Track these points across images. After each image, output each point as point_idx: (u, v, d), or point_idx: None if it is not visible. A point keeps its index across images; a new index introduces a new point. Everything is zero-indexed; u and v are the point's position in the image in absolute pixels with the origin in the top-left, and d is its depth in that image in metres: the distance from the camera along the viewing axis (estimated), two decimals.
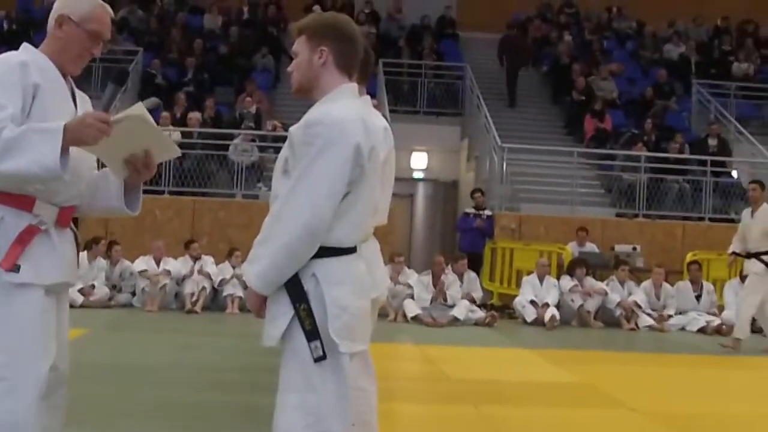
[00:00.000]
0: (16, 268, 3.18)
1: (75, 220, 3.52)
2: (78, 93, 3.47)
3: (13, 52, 3.31)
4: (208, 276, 13.52)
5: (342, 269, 3.09)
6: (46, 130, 3.07)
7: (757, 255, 11.17)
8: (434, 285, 13.43)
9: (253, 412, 6.39)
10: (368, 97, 3.47)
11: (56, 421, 3.41)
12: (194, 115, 16.77)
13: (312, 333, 3.00)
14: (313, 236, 3.00)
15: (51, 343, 3.28)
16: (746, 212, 11.73)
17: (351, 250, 3.13)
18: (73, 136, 3.07)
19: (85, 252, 13.50)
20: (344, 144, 3.02)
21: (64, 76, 3.40)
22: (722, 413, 7.30)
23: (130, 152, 3.30)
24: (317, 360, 3.00)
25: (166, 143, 3.42)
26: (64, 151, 3.07)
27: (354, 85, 3.29)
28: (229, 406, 6.71)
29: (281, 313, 3.06)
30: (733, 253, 11.63)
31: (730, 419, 7.05)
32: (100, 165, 3.53)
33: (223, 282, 13.51)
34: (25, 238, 3.21)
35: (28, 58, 3.26)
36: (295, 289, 3.03)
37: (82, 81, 17.74)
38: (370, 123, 3.17)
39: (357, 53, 3.30)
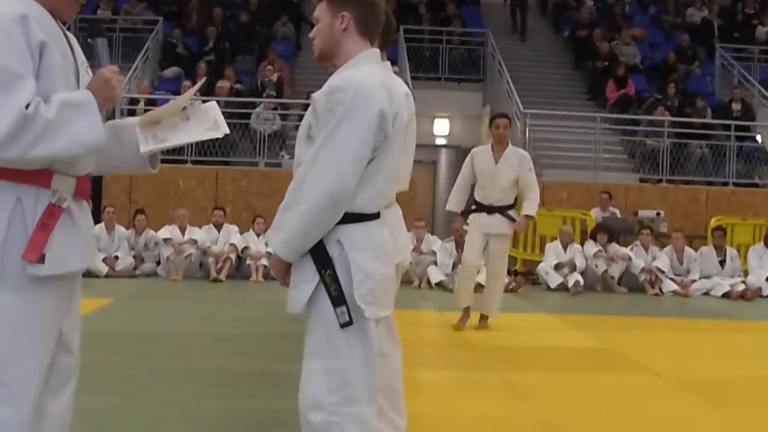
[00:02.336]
0: (41, 259, 2.78)
1: (98, 189, 3.31)
2: (69, 36, 3.01)
3: (4, 3, 2.79)
4: (233, 245, 13.57)
5: (366, 235, 3.07)
6: (79, 103, 2.77)
7: (501, 210, 8.99)
8: (457, 251, 13.43)
9: (276, 379, 6.44)
10: (388, 63, 3.46)
11: (68, 413, 3.06)
12: (223, 84, 16.77)
13: (338, 299, 3.00)
14: (337, 203, 2.97)
15: (52, 341, 2.92)
16: (484, 154, 9.00)
17: (374, 216, 3.12)
18: (102, 100, 2.83)
19: (102, 224, 13.53)
20: (368, 110, 3.00)
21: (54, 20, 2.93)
22: (748, 378, 7.27)
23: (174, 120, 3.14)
24: (343, 325, 2.99)
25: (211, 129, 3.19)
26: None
27: (376, 51, 3.26)
28: (253, 373, 6.76)
29: (306, 279, 3.04)
30: (463, 212, 9.28)
31: (756, 384, 7.01)
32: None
33: (246, 250, 13.56)
34: (48, 223, 2.81)
35: (25, 11, 2.77)
36: (320, 255, 3.02)
37: None
38: (393, 89, 3.15)
39: (378, 18, 3.27)
